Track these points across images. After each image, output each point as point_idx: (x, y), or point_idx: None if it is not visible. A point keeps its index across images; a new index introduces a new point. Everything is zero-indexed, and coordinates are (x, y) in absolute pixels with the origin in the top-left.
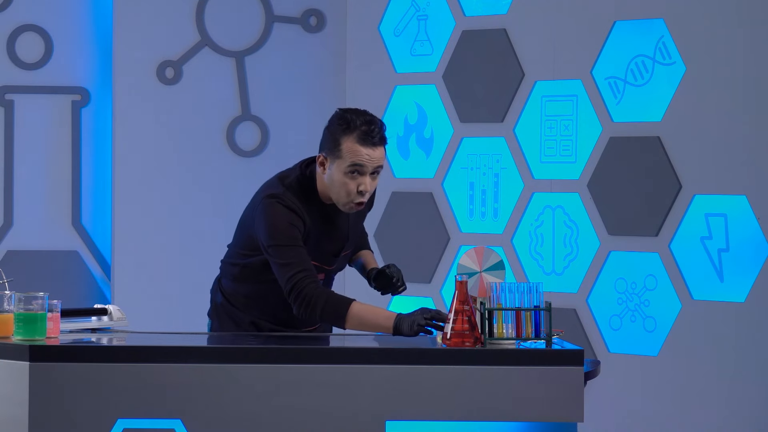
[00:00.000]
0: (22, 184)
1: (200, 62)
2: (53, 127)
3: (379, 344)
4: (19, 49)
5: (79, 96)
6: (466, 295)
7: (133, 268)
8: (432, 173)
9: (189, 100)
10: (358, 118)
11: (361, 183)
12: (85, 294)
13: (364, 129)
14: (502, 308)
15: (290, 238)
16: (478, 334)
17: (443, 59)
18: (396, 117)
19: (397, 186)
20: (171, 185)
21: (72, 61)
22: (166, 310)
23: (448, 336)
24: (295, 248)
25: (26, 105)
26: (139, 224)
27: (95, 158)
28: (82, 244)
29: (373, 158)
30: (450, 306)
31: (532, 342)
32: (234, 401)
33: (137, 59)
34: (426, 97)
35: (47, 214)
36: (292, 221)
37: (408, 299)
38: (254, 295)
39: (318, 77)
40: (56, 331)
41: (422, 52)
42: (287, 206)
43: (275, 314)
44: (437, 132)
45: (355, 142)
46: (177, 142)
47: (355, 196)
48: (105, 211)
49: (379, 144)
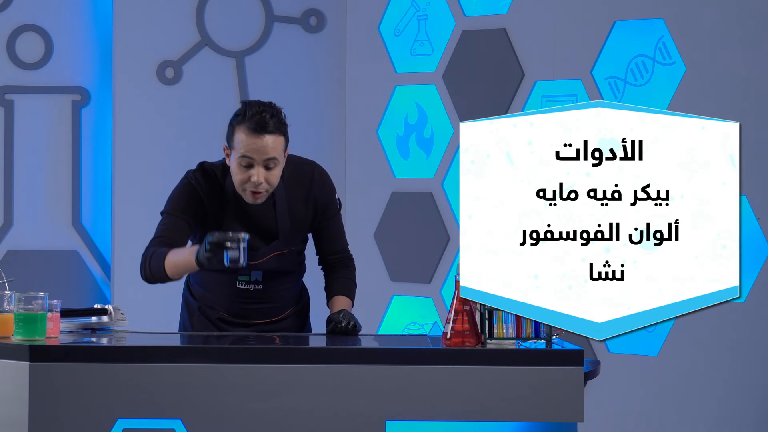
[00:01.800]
0: (22, 184)
1: (200, 62)
2: (53, 127)
3: (379, 344)
4: (19, 49)
5: (79, 96)
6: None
7: (133, 268)
8: (432, 173)
9: (189, 100)
10: (251, 108)
11: (253, 174)
12: (85, 294)
13: (255, 118)
14: (502, 309)
15: (173, 207)
16: (478, 334)
17: (443, 59)
18: (396, 117)
19: (397, 186)
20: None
21: (72, 61)
22: (166, 310)
23: (448, 336)
24: (170, 216)
25: (26, 105)
26: (139, 224)
27: (95, 158)
28: (82, 244)
29: (261, 148)
30: (450, 306)
31: (532, 342)
32: (234, 401)
33: (137, 59)
34: (426, 97)
35: (47, 214)
36: (188, 193)
37: (408, 299)
38: (200, 281)
39: (318, 77)
40: (56, 331)
41: (422, 52)
42: (188, 182)
43: (221, 303)
44: (437, 132)
45: (243, 132)
46: (177, 142)
47: (247, 185)
48: (105, 211)
49: (273, 132)
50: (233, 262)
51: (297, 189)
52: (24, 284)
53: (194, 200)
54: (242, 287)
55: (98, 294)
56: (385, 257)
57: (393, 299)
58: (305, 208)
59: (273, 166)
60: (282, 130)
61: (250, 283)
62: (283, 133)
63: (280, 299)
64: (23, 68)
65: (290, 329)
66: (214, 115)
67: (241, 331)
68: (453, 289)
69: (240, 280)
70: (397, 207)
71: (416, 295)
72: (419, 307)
